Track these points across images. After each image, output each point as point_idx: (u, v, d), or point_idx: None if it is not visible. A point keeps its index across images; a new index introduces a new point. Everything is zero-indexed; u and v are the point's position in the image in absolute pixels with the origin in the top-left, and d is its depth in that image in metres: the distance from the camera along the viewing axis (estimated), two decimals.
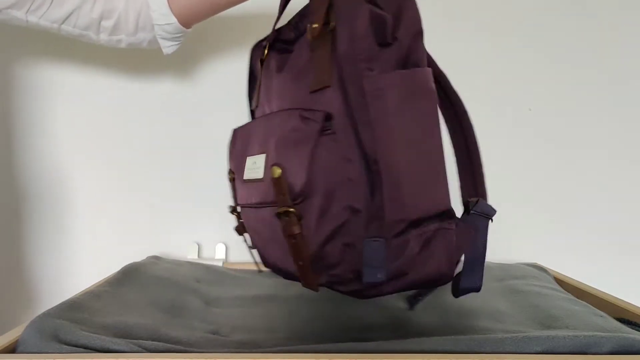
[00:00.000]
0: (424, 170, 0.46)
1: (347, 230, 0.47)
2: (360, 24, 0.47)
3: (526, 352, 0.45)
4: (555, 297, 0.65)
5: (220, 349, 0.49)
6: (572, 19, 1.00)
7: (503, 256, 0.98)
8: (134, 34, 0.75)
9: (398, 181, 0.45)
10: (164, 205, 1.00)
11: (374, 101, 0.46)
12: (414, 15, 0.49)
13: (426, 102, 0.47)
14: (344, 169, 0.47)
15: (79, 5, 0.71)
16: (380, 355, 0.43)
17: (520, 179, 1.01)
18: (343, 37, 0.47)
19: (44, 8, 0.70)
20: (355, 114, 0.46)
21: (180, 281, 0.73)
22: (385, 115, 0.46)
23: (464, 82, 1.00)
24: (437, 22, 1.00)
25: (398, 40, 0.48)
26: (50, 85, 0.98)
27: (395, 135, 0.46)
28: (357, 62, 0.46)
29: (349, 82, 0.46)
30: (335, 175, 0.47)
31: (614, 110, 1.01)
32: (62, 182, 0.98)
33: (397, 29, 0.48)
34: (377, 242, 0.46)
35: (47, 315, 0.49)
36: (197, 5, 0.74)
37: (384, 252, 0.46)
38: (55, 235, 0.99)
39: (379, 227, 0.46)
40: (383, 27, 0.47)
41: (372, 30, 0.47)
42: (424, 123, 0.47)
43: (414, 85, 0.47)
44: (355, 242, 0.46)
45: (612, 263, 1.00)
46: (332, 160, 0.47)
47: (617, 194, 1.01)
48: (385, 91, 0.46)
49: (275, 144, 0.51)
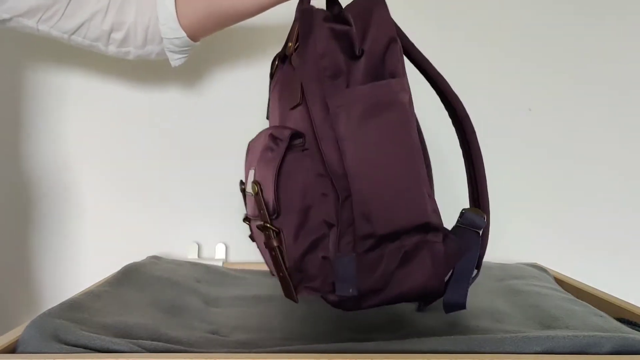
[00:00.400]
0: (393, 184, 0.46)
1: (324, 245, 0.48)
2: (319, 44, 0.48)
3: (526, 352, 0.45)
4: (555, 297, 0.65)
5: (220, 349, 0.49)
6: (573, 18, 1.00)
7: (503, 256, 0.98)
8: (142, 47, 0.76)
9: (366, 196, 0.46)
10: (164, 205, 1.00)
11: (336, 118, 0.46)
12: (384, 25, 0.49)
13: (392, 114, 0.47)
14: (319, 184, 0.48)
15: (90, 17, 0.72)
16: (380, 355, 0.43)
17: (521, 179, 1.01)
18: (305, 57, 0.48)
19: (55, 18, 0.71)
20: (318, 131, 0.47)
21: (180, 281, 0.73)
22: (348, 130, 0.46)
23: (464, 82, 1.00)
24: (438, 22, 1.00)
25: (367, 51, 0.48)
26: (59, 91, 0.98)
27: (360, 150, 0.46)
28: (322, 79, 0.47)
29: (311, 100, 0.47)
30: (312, 191, 0.48)
31: (614, 110, 1.01)
32: (64, 183, 0.98)
33: (365, 40, 0.48)
34: (348, 258, 0.46)
35: (47, 315, 0.49)
36: (205, 20, 0.74)
37: (354, 268, 0.46)
38: (56, 235, 0.99)
39: (349, 242, 0.46)
40: (349, 41, 0.48)
41: (338, 46, 0.48)
42: (391, 137, 0.46)
43: (378, 99, 0.47)
44: (331, 256, 0.47)
45: (612, 263, 1.00)
46: (309, 177, 0.48)
47: (617, 193, 1.01)
48: (346, 107, 0.46)
49: (257, 161, 0.53)
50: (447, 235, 0.48)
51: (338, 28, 0.49)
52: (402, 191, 0.46)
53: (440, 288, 0.48)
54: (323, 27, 0.49)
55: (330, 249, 0.47)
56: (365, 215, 0.46)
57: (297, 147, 0.49)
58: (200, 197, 0.99)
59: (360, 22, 0.49)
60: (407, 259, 0.47)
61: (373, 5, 0.50)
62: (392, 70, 0.48)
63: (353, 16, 0.49)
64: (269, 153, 0.50)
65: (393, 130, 0.47)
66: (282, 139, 0.49)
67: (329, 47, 0.48)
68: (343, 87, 0.47)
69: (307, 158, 0.48)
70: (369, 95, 0.47)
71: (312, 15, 0.50)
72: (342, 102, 0.46)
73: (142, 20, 0.73)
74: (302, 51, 0.49)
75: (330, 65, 0.47)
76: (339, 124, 0.46)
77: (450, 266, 0.48)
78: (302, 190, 0.48)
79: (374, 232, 0.46)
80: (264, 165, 0.51)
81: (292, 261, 0.48)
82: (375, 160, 0.46)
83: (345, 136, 0.46)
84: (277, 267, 0.50)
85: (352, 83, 0.47)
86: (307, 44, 0.49)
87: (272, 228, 0.50)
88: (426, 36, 1.00)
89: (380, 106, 0.47)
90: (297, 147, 0.49)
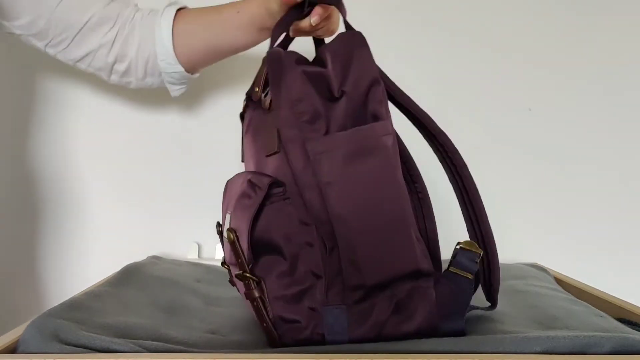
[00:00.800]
0: (380, 230, 0.45)
1: (311, 295, 0.47)
2: (294, 89, 0.46)
3: (526, 352, 0.44)
4: (555, 297, 0.65)
5: (220, 349, 0.49)
6: (573, 18, 1.00)
7: (503, 256, 0.98)
8: (143, 79, 0.77)
9: (352, 242, 0.45)
10: (164, 205, 1.00)
11: (318, 164, 0.45)
12: (366, 66, 0.47)
13: (376, 160, 0.45)
14: (304, 233, 0.47)
15: (96, 49, 0.73)
16: (380, 355, 0.43)
17: (521, 179, 1.01)
18: (279, 103, 0.46)
19: (63, 45, 0.72)
20: (299, 179, 0.46)
21: (180, 281, 0.73)
22: (331, 176, 0.44)
23: (464, 82, 1.00)
24: (438, 23, 1.00)
25: (348, 93, 0.46)
26: (66, 94, 0.98)
27: (344, 196, 0.44)
28: (300, 125, 0.45)
29: (290, 148, 0.46)
30: (296, 239, 0.47)
31: (614, 111, 1.01)
32: (67, 183, 0.99)
33: (346, 81, 0.46)
34: (338, 309, 0.46)
35: (47, 315, 0.49)
36: (202, 55, 0.75)
37: (345, 320, 0.46)
38: (57, 235, 0.99)
39: (338, 292, 0.46)
40: (325, 83, 0.46)
41: (314, 89, 0.46)
42: (374, 182, 0.45)
43: (361, 144, 0.45)
44: (318, 307, 0.46)
45: (612, 263, 1.00)
46: (292, 225, 0.47)
47: (617, 193, 1.01)
48: (327, 154, 0.45)
49: (234, 207, 0.51)
50: (438, 280, 0.48)
51: (311, 70, 0.47)
52: (389, 238, 0.45)
53: (434, 330, 0.47)
54: (295, 71, 0.47)
55: (317, 299, 0.47)
56: (353, 263, 0.45)
57: (278, 196, 0.47)
58: (200, 197, 0.99)
59: (340, 62, 0.47)
60: (400, 308, 0.46)
61: (354, 45, 0.47)
62: (374, 112, 0.46)
63: (332, 55, 0.47)
64: (246, 200, 0.48)
65: (377, 175, 0.45)
66: (260, 187, 0.47)
67: (304, 91, 0.46)
68: (323, 131, 0.45)
69: (289, 207, 0.47)
70: (352, 141, 0.45)
71: (281, 59, 0.48)
72: (323, 149, 0.45)
73: (142, 55, 0.74)
74: (276, 97, 0.47)
75: (307, 110, 0.46)
76: (322, 170, 0.45)
77: (443, 310, 0.48)
78: (285, 238, 0.47)
79: (364, 283, 0.45)
80: (240, 213, 0.49)
81: (277, 312, 0.47)
82: (360, 206, 0.44)
83: (329, 182, 0.44)
84: (260, 318, 0.48)
85: (332, 125, 0.46)
86: (279, 89, 0.47)
87: (252, 277, 0.48)
88: (426, 37, 1.01)
89: (363, 151, 0.45)
90: (277, 196, 0.47)
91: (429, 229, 0.53)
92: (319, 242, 0.47)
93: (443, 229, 0.59)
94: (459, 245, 0.50)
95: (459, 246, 0.50)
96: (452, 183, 0.54)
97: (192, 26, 0.74)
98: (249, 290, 0.49)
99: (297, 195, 0.47)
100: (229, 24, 0.71)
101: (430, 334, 0.47)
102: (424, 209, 0.54)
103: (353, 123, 0.46)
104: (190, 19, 0.74)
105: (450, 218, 0.66)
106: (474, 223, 0.52)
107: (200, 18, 0.74)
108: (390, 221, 0.45)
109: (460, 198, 0.53)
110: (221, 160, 0.99)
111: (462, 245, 0.49)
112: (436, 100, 1.00)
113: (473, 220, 0.52)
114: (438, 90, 1.00)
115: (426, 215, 0.53)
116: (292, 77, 0.46)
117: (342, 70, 0.46)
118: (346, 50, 0.47)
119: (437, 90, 1.00)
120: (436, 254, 0.53)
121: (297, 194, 0.47)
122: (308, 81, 0.46)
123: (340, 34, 0.49)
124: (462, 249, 0.49)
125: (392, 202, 0.45)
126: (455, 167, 0.52)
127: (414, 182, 0.54)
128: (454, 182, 0.54)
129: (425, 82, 1.00)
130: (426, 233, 0.53)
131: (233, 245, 0.49)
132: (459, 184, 0.53)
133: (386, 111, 0.47)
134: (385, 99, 0.48)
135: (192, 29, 0.74)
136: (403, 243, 0.45)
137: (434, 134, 0.52)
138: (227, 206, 0.54)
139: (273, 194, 0.47)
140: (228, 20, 0.71)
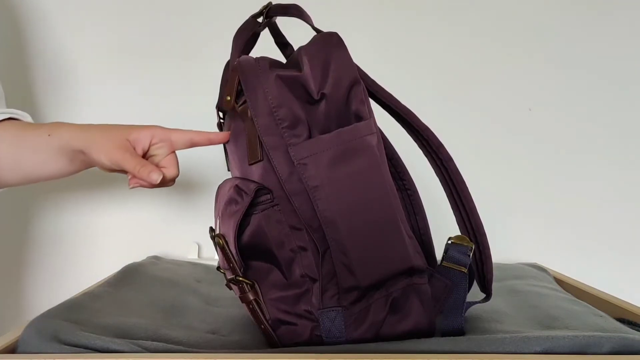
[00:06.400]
0: (370, 231, 0.45)
1: (307, 299, 0.47)
2: (271, 95, 0.45)
3: (526, 352, 0.44)
4: (555, 297, 0.65)
5: (220, 349, 0.49)
6: (573, 19, 1.00)
7: (503, 256, 0.98)
8: None
9: (345, 246, 0.44)
10: (164, 205, 1.00)
11: (304, 169, 0.44)
12: (345, 66, 0.46)
13: (362, 160, 0.45)
14: (296, 237, 0.47)
15: None
16: (379, 355, 0.43)
17: (520, 179, 1.01)
18: (257, 111, 0.46)
19: None
20: (286, 186, 0.45)
21: (180, 281, 0.73)
22: (318, 180, 0.44)
23: (464, 82, 1.00)
24: (437, 23, 1.00)
25: (329, 95, 0.45)
26: (66, 100, 0.98)
27: (332, 198, 0.44)
28: (280, 132, 0.45)
29: (274, 155, 0.45)
30: (290, 244, 0.47)
31: (615, 110, 1.01)
32: (65, 182, 0.98)
33: (324, 83, 0.45)
34: (335, 312, 0.46)
35: (47, 315, 0.49)
36: (8, 178, 0.65)
37: (342, 322, 0.46)
38: (55, 235, 0.99)
39: (333, 295, 0.46)
40: (303, 86, 0.45)
41: (291, 93, 0.46)
42: (362, 183, 0.45)
43: (345, 145, 0.45)
44: (314, 310, 0.47)
45: (612, 263, 1.00)
46: (283, 230, 0.47)
47: (617, 193, 1.01)
48: (312, 158, 0.44)
49: (221, 213, 0.51)
50: (432, 275, 0.48)
51: (287, 74, 0.46)
52: (381, 237, 0.45)
53: (430, 327, 0.47)
54: (270, 77, 0.46)
55: (313, 302, 0.47)
56: (346, 266, 0.45)
57: (266, 204, 0.47)
58: (200, 198, 0.99)
59: (318, 64, 0.46)
60: (396, 306, 0.47)
61: (331, 47, 0.46)
62: (357, 112, 0.46)
63: (309, 57, 0.46)
64: (233, 206, 0.48)
65: (364, 175, 0.45)
66: (247, 192, 0.47)
67: (281, 96, 0.45)
68: (305, 135, 0.45)
69: (279, 213, 0.47)
70: (336, 143, 0.44)
71: (254, 66, 0.47)
72: (308, 153, 0.44)
73: None
74: (253, 105, 0.46)
75: (287, 116, 0.45)
76: (308, 175, 0.44)
77: (439, 305, 0.48)
78: (278, 244, 0.47)
79: (358, 284, 0.45)
80: (227, 218, 0.49)
81: (274, 315, 0.48)
82: (349, 208, 0.44)
83: (316, 186, 0.44)
84: (257, 320, 0.49)
85: (314, 128, 0.45)
86: (256, 97, 0.46)
87: (245, 281, 0.49)
88: (426, 36, 1.01)
89: (348, 153, 0.44)
90: (265, 204, 0.47)
91: (420, 225, 0.53)
92: (312, 245, 0.47)
93: (435, 225, 0.59)
94: (450, 240, 0.50)
95: (450, 241, 0.50)
96: (439, 177, 0.54)
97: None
98: (244, 293, 0.49)
99: (285, 201, 0.46)
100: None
101: (428, 331, 0.47)
102: (414, 205, 0.54)
103: (336, 125, 0.45)
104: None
105: (442, 213, 0.66)
106: (464, 216, 0.52)
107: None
108: (380, 220, 0.45)
109: (449, 192, 0.53)
110: (221, 160, 0.99)
111: (453, 240, 0.50)
112: (436, 100, 1.00)
113: (462, 213, 0.52)
114: (438, 91, 1.00)
115: (417, 211, 0.53)
116: (267, 84, 0.46)
117: (321, 71, 0.45)
118: (323, 52, 0.46)
119: (437, 91, 1.00)
120: (429, 249, 0.54)
121: (285, 199, 0.46)
122: (284, 86, 0.46)
123: (316, 35, 0.49)
124: (453, 243, 0.50)
125: (380, 201, 0.45)
126: (442, 161, 0.52)
127: (401, 179, 0.54)
128: (441, 176, 0.53)
129: (425, 82, 1.00)
130: (418, 229, 0.54)
131: (223, 250, 0.49)
132: (445, 177, 0.53)
133: (369, 110, 0.47)
134: (367, 98, 0.47)
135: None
136: (395, 241, 0.45)
137: (418, 129, 0.51)
138: (217, 211, 0.54)
139: (261, 201, 0.47)
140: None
